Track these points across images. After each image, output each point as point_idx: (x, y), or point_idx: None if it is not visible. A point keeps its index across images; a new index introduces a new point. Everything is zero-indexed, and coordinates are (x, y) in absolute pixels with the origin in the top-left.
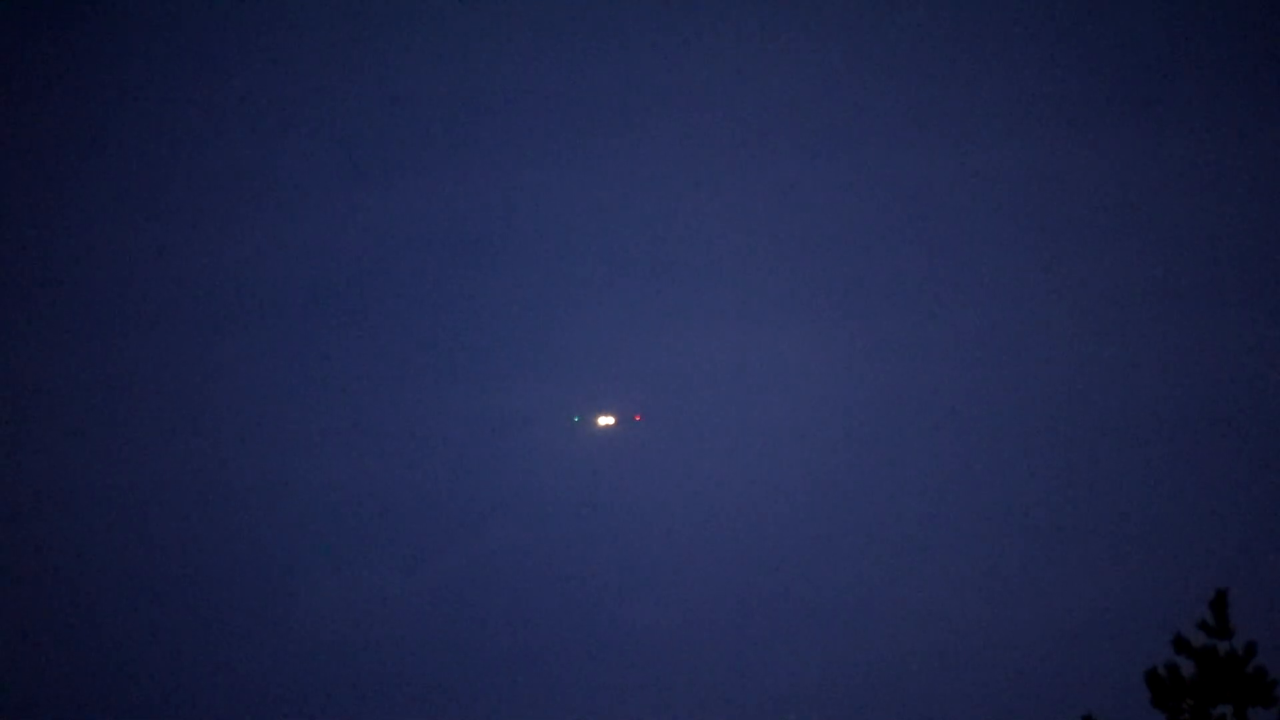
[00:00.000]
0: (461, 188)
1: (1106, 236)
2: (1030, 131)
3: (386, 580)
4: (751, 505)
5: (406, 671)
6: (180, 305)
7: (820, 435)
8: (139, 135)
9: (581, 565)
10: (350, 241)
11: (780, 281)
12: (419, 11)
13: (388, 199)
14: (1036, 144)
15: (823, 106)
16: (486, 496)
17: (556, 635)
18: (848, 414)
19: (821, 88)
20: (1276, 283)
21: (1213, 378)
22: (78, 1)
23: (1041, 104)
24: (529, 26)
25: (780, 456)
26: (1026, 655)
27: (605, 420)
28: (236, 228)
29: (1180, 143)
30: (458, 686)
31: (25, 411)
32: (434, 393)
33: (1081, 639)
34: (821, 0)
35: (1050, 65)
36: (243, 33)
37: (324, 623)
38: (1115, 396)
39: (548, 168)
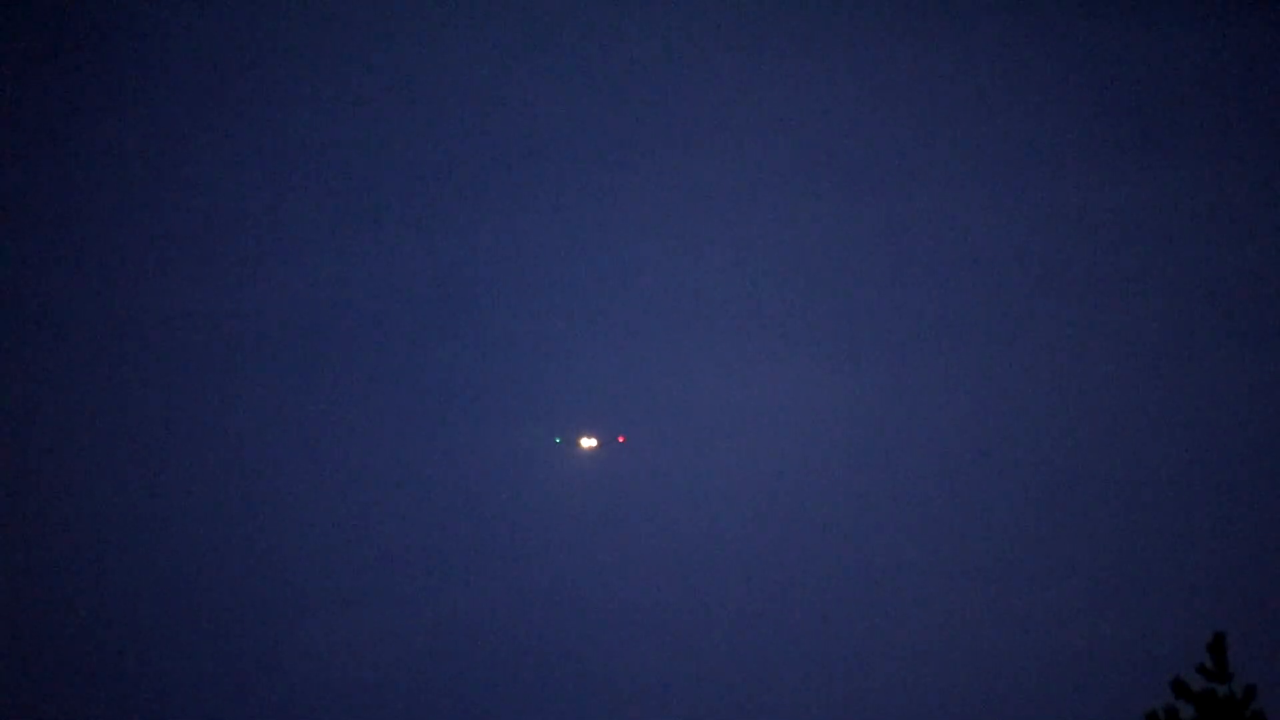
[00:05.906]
0: (448, 231)
1: (1112, 273)
2: (1028, 171)
3: (387, 619)
4: (747, 527)
5: (407, 710)
6: (182, 347)
7: (814, 458)
8: (153, 177)
9: (579, 595)
10: (348, 286)
11: (772, 308)
12: (423, 61)
13: (379, 245)
14: (1035, 185)
15: (812, 138)
16: (481, 532)
17: (556, 668)
18: (841, 436)
19: (814, 121)
20: (1275, 323)
21: (1215, 418)
22: (95, 44)
23: (1046, 146)
24: (522, 74)
25: (775, 476)
26: (1024, 697)
27: (588, 442)
28: (234, 276)
29: (1189, 182)
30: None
31: (36, 444)
32: (429, 429)
33: (1079, 681)
34: (822, 36)
35: (1060, 107)
36: (253, 76)
37: (327, 661)
38: (1116, 436)
39: (535, 205)
